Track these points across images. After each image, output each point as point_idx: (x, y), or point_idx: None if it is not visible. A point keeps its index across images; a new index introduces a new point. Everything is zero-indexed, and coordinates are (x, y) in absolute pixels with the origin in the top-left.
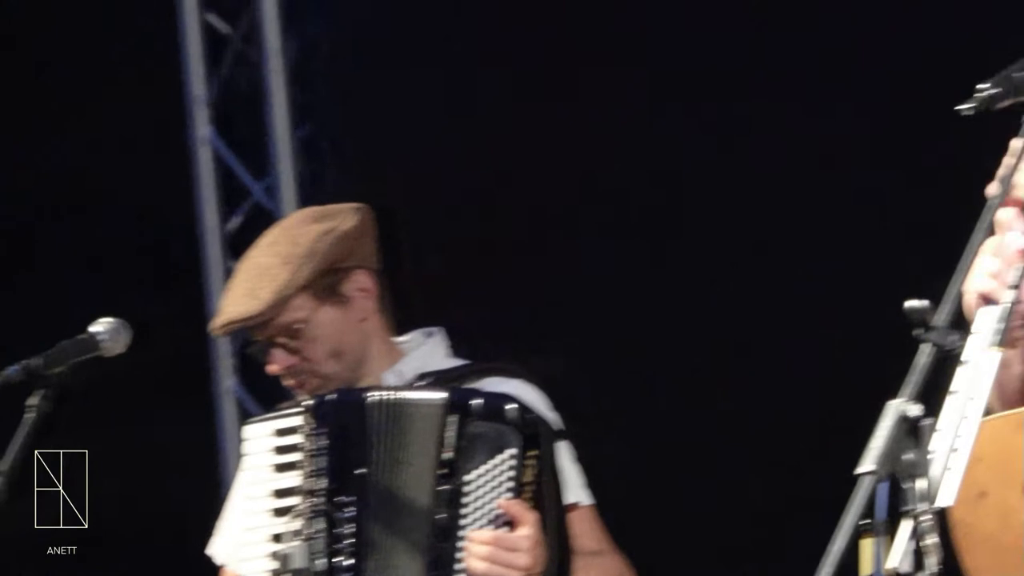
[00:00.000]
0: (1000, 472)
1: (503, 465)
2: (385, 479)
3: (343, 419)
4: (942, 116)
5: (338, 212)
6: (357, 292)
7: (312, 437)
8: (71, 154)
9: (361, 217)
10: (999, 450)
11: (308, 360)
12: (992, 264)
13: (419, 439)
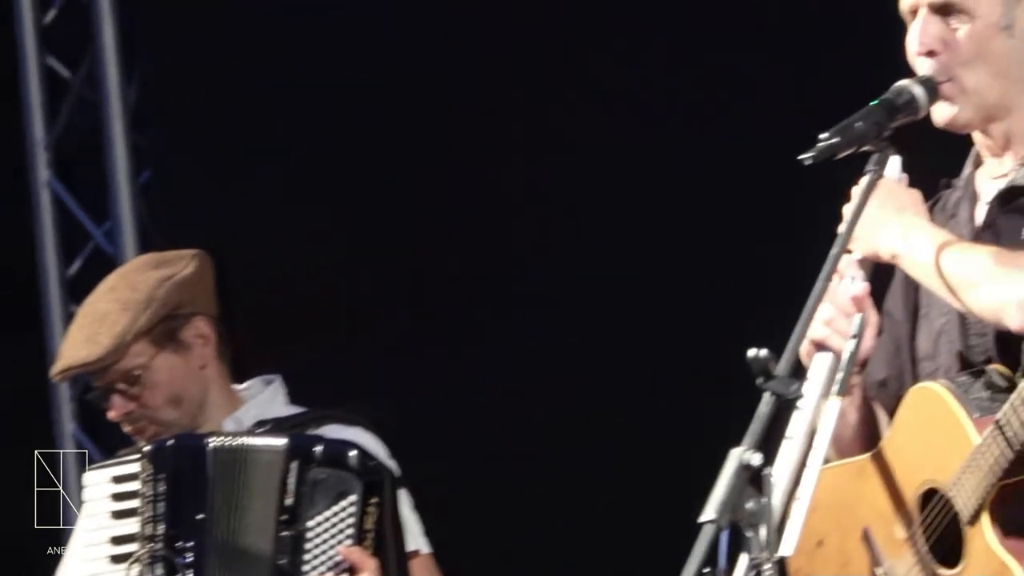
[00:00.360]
0: (838, 520)
1: (344, 512)
2: (226, 525)
3: (182, 465)
4: (787, 166)
5: (177, 258)
6: (196, 339)
7: (150, 483)
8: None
9: (199, 263)
10: (837, 498)
11: (147, 406)
12: (825, 311)
13: (260, 485)
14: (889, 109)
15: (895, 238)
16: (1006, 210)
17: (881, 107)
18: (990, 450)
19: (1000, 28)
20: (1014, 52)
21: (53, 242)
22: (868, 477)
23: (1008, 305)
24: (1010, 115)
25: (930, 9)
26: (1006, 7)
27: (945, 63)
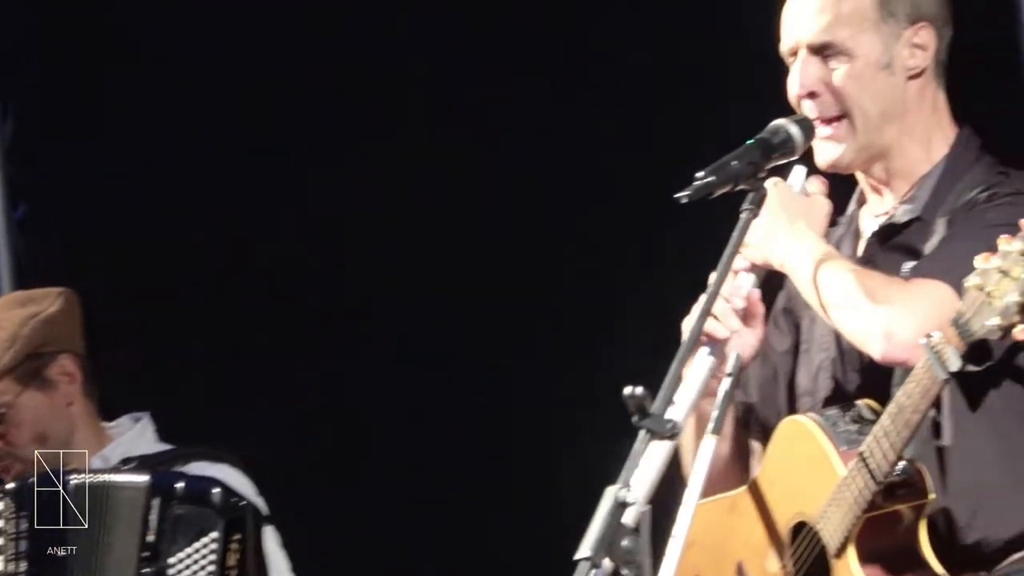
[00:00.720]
0: (713, 555)
1: (206, 548)
2: (88, 561)
3: (45, 503)
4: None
5: (43, 296)
6: (61, 376)
7: (13, 521)
8: None
9: (66, 301)
10: (711, 534)
11: (12, 444)
12: (718, 303)
13: (123, 522)
14: (765, 148)
15: (783, 248)
16: (885, 247)
17: (757, 146)
18: (855, 482)
19: (881, 67)
20: (896, 90)
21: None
22: (741, 512)
23: (872, 334)
24: (892, 154)
25: (809, 50)
26: (885, 45)
27: (827, 104)
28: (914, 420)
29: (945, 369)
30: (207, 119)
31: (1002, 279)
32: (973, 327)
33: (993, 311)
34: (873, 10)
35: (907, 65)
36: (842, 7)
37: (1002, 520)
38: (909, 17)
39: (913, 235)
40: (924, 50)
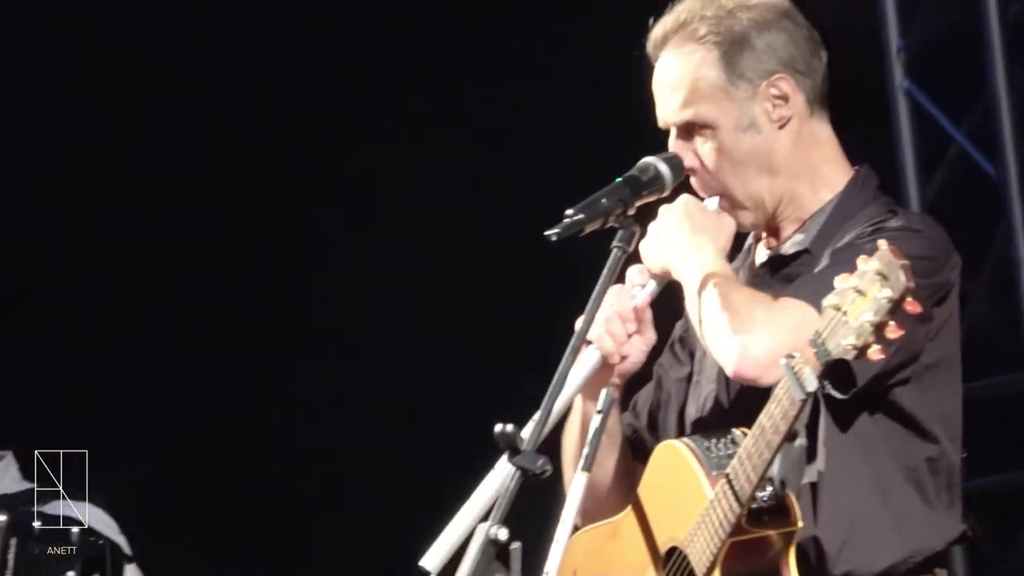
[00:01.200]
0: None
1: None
2: None
3: None
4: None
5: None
6: None
7: None
8: None
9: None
10: (592, 560)
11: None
12: (606, 312)
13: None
14: (634, 186)
15: (680, 256)
16: (774, 277)
17: (626, 184)
18: (720, 505)
19: (743, 129)
20: (766, 145)
21: None
22: (621, 537)
23: (728, 349)
24: (783, 200)
25: (677, 132)
26: (742, 108)
27: (707, 180)
28: (775, 441)
29: (802, 389)
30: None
31: (857, 298)
32: (829, 347)
33: (849, 331)
34: (721, 79)
35: (772, 118)
36: (692, 82)
37: (872, 553)
38: (760, 74)
39: (801, 267)
40: (785, 99)
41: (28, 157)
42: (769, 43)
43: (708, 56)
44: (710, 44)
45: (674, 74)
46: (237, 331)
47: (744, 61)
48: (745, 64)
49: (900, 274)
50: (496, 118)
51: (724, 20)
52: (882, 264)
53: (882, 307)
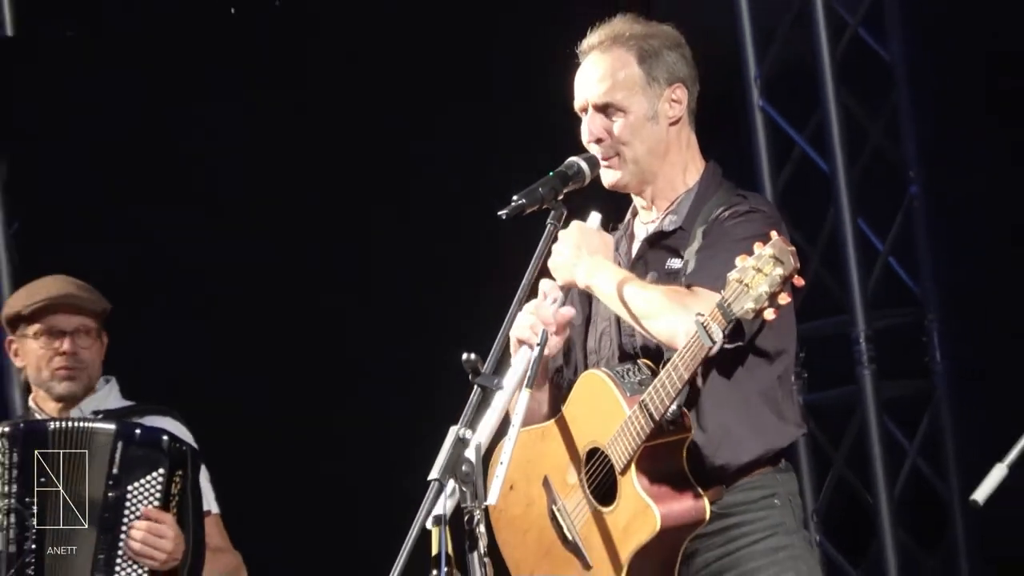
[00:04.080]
0: (525, 471)
1: (155, 480)
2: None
3: (30, 442)
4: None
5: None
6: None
7: (5, 455)
8: None
9: None
10: (524, 455)
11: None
12: (530, 319)
13: (95, 458)
14: (563, 178)
15: (587, 273)
16: (654, 248)
17: (556, 176)
18: (637, 420)
19: (648, 118)
20: (660, 134)
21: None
22: (548, 439)
23: (677, 334)
24: (657, 180)
25: (595, 108)
26: (651, 103)
27: (609, 145)
28: (685, 376)
29: (711, 339)
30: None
31: (756, 275)
32: (734, 309)
33: (749, 298)
34: (640, 77)
35: (668, 115)
36: (617, 76)
37: (738, 451)
38: (667, 80)
39: (676, 240)
40: (679, 103)
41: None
42: (674, 60)
43: (631, 59)
44: (633, 51)
45: (603, 68)
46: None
47: (656, 68)
48: (657, 71)
49: (790, 258)
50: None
51: (644, 38)
52: (776, 251)
53: (776, 281)
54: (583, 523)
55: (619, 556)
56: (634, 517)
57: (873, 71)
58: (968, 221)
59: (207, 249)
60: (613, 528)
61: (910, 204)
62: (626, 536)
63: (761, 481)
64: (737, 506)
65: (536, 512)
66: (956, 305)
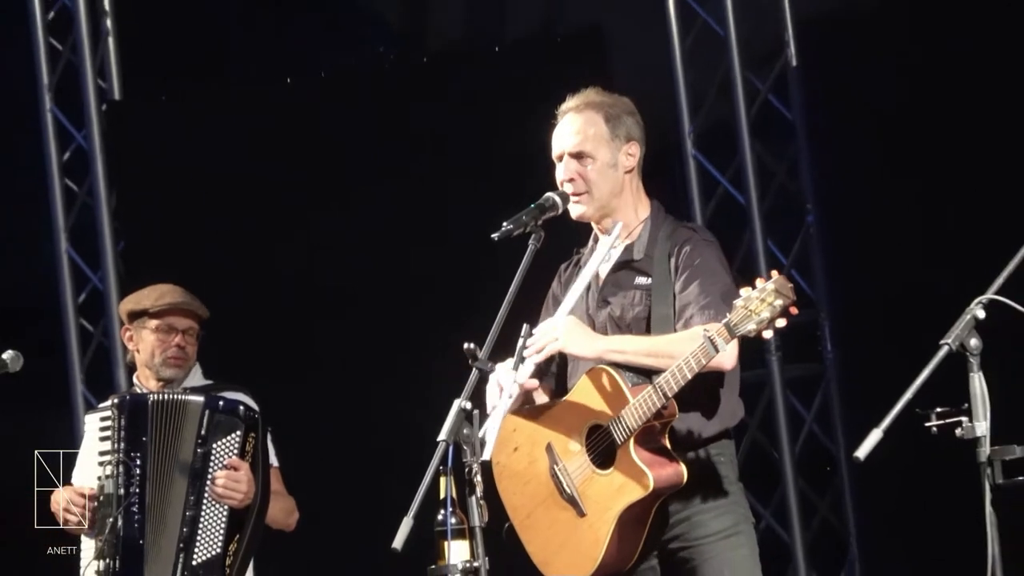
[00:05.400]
0: (530, 436)
1: (233, 440)
2: (162, 444)
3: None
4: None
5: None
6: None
7: (116, 420)
8: None
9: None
10: (530, 424)
11: (189, 358)
12: (503, 378)
13: (186, 423)
14: (541, 208)
15: (596, 348)
16: (623, 270)
17: (537, 207)
18: (644, 405)
19: (611, 166)
20: (618, 179)
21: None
22: (555, 414)
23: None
24: (614, 214)
25: (570, 156)
26: (613, 154)
27: (580, 185)
28: (690, 376)
29: (716, 350)
30: None
31: (759, 304)
32: (738, 329)
33: (752, 321)
34: (607, 133)
35: (625, 165)
36: (589, 131)
37: (704, 429)
38: (625, 138)
39: (641, 263)
40: (633, 157)
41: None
42: (631, 124)
43: (600, 119)
44: (601, 114)
45: (578, 125)
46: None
47: (618, 128)
48: (619, 130)
49: (790, 292)
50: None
51: (609, 105)
52: (778, 285)
53: (776, 310)
54: (582, 481)
55: (613, 508)
56: (629, 479)
57: (779, 127)
58: (851, 242)
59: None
60: (609, 487)
61: (807, 230)
62: (621, 493)
63: (715, 447)
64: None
65: (538, 469)
66: (842, 307)
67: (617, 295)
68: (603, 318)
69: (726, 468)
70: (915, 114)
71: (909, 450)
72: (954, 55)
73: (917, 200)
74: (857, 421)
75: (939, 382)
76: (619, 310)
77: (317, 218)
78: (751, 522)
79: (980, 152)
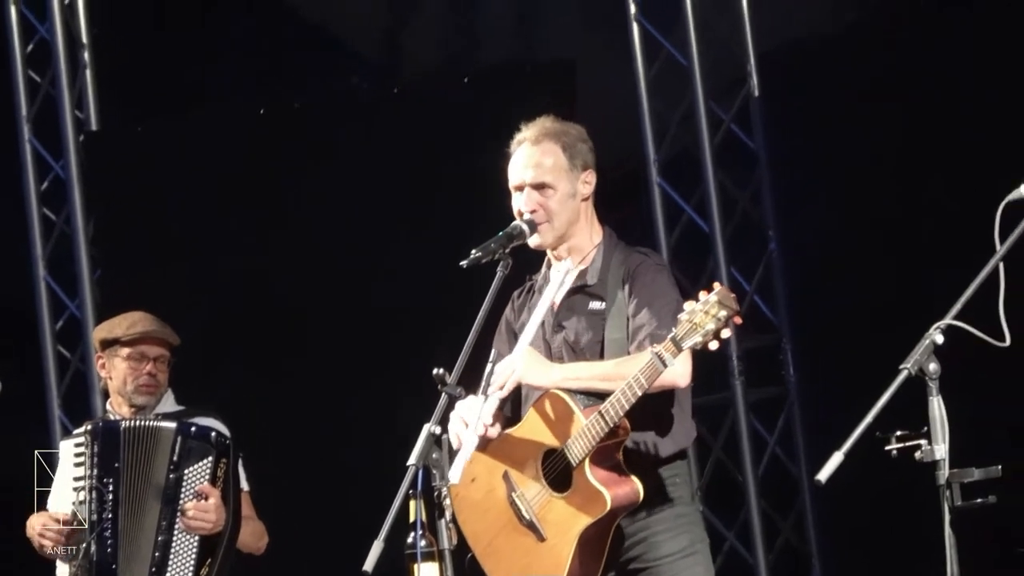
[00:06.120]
0: (487, 466)
1: (206, 466)
2: (134, 470)
3: (107, 437)
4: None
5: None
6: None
7: (90, 446)
8: None
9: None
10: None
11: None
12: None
13: (159, 449)
14: (509, 236)
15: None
16: (577, 294)
17: (504, 235)
18: (596, 426)
19: (569, 196)
20: (576, 207)
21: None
22: (510, 442)
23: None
24: (571, 239)
25: (530, 186)
26: (571, 184)
27: (541, 216)
28: (639, 393)
29: (664, 365)
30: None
31: (703, 316)
32: (684, 343)
33: (697, 334)
34: (565, 163)
35: (582, 193)
36: (548, 163)
37: (660, 449)
38: (582, 166)
39: (595, 288)
40: (589, 185)
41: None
42: (586, 152)
43: (558, 149)
44: (559, 144)
45: (537, 156)
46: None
47: (575, 157)
48: (576, 159)
49: (733, 302)
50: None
51: (564, 134)
52: (721, 296)
53: (720, 321)
54: (540, 506)
55: (572, 530)
56: (586, 500)
57: (742, 155)
58: (813, 268)
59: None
60: (567, 509)
61: (770, 256)
62: (579, 515)
63: (670, 467)
64: (652, 485)
65: (496, 497)
66: (804, 332)
67: (571, 320)
68: (558, 343)
69: (682, 489)
70: (875, 143)
71: (870, 473)
72: (914, 84)
73: (877, 226)
74: (819, 444)
75: (899, 406)
76: (573, 335)
77: (291, 245)
78: (706, 542)
79: (941, 179)
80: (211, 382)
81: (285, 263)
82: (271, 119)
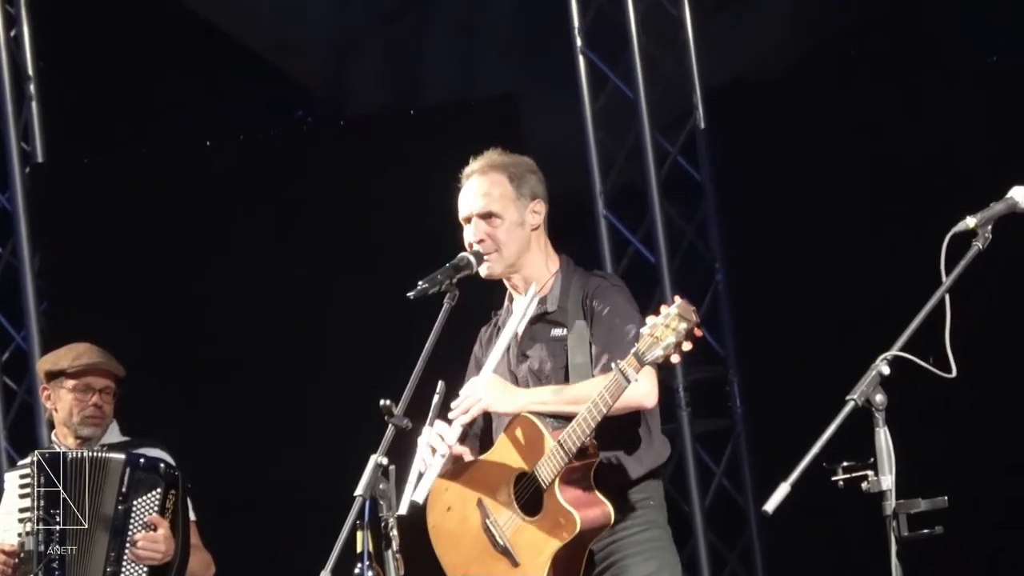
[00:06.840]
0: (461, 495)
1: (155, 497)
2: (82, 501)
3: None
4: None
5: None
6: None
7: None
8: None
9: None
10: (460, 482)
11: (106, 416)
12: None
13: (107, 480)
14: (456, 267)
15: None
16: (539, 323)
17: (451, 267)
18: (564, 447)
19: (517, 225)
20: (525, 236)
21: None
22: (483, 468)
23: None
24: (524, 270)
25: (479, 217)
26: (519, 213)
27: (489, 245)
28: (604, 411)
29: (628, 380)
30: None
31: (664, 329)
32: (647, 357)
33: (659, 348)
34: (512, 193)
35: (531, 223)
36: (495, 193)
37: (631, 469)
38: (530, 196)
39: (556, 315)
40: (539, 214)
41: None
42: (535, 182)
43: (504, 180)
44: (505, 174)
45: (484, 186)
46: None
47: (523, 187)
48: (523, 189)
49: (692, 315)
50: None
51: (512, 165)
52: (680, 310)
53: (681, 334)
54: (513, 531)
55: (544, 553)
56: (556, 522)
57: (688, 188)
58: (759, 300)
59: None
60: (539, 532)
61: (716, 288)
62: (551, 537)
63: (642, 489)
64: (623, 507)
65: (470, 526)
66: (750, 364)
67: (534, 348)
68: (524, 372)
69: (655, 512)
70: (821, 176)
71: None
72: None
73: (822, 258)
74: (766, 475)
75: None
76: (537, 363)
77: (235, 277)
78: (677, 567)
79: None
80: (156, 413)
81: (230, 295)
82: (217, 152)
